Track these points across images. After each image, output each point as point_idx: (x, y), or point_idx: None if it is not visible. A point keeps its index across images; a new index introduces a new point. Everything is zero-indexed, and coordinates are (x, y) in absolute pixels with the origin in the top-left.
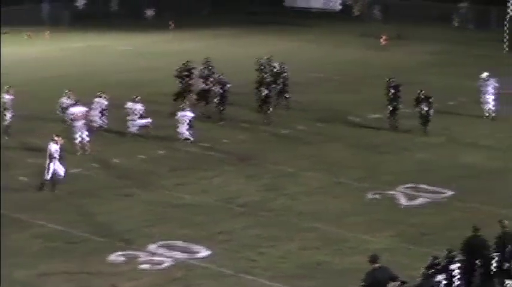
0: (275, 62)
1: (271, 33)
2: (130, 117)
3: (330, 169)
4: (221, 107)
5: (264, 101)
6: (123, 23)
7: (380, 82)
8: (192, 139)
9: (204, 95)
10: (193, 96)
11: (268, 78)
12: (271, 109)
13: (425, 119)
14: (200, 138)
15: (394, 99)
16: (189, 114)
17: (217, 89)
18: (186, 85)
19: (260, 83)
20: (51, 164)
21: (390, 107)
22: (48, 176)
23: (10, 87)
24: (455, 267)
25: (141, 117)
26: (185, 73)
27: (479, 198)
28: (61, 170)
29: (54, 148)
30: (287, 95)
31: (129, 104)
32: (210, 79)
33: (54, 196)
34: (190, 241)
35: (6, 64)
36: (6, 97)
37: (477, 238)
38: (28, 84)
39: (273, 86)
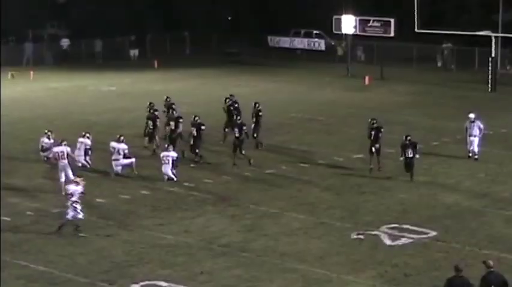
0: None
1: (254, 73)
2: (114, 157)
3: (312, 210)
4: (196, 149)
5: (238, 143)
6: (106, 63)
7: (363, 121)
8: (175, 179)
9: (174, 139)
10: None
11: (240, 119)
12: (243, 151)
13: (409, 165)
14: (183, 178)
15: (376, 140)
16: (172, 154)
17: (193, 131)
18: (154, 126)
19: (230, 124)
20: (72, 204)
21: (372, 149)
22: (70, 216)
23: None
24: None
25: (125, 157)
26: (154, 114)
27: (461, 238)
28: (80, 212)
29: (72, 188)
30: (255, 135)
31: (113, 144)
32: (180, 120)
33: (35, 236)
34: (172, 282)
35: None
36: None
37: (459, 279)
38: (10, 124)
39: (244, 127)
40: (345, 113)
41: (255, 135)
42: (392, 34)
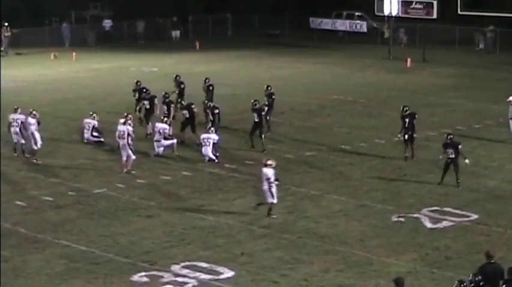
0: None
1: (295, 55)
2: (155, 138)
3: (353, 192)
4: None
5: (255, 128)
6: (148, 44)
7: (405, 104)
8: (216, 160)
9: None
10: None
11: (258, 104)
12: (263, 136)
13: (451, 166)
14: (224, 159)
15: (409, 128)
16: (213, 136)
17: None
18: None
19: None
20: (270, 188)
21: (406, 137)
22: (275, 200)
23: (34, 110)
24: None
25: (166, 138)
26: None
27: (503, 222)
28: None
29: (270, 172)
30: (268, 118)
31: (156, 125)
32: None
33: (77, 216)
34: (213, 263)
35: (32, 85)
36: (31, 121)
37: (490, 265)
38: (52, 105)
39: (263, 112)
40: (386, 96)
41: (268, 117)
42: (435, 16)
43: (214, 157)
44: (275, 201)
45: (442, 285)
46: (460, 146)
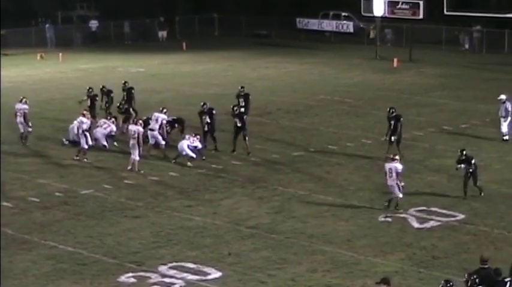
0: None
1: (282, 55)
2: (150, 126)
3: (340, 192)
4: (212, 135)
5: (238, 132)
6: (135, 44)
7: (391, 104)
8: (195, 156)
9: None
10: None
11: (238, 109)
12: (247, 138)
13: (467, 179)
14: (212, 159)
15: (395, 130)
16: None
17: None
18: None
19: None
20: (398, 182)
21: (392, 138)
22: (401, 195)
23: (85, 110)
24: None
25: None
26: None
27: (490, 221)
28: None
29: (399, 167)
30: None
31: (155, 114)
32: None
33: (64, 217)
34: (200, 263)
35: (18, 85)
36: (83, 120)
37: (483, 270)
38: (39, 105)
39: (245, 116)
40: (373, 96)
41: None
42: (421, 16)
43: (192, 153)
44: (401, 195)
45: (429, 284)
46: (473, 161)
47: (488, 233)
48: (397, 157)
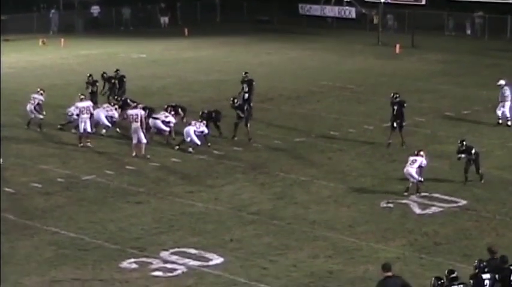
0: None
1: (284, 41)
2: (154, 115)
3: (342, 178)
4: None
5: (240, 121)
6: (137, 30)
7: (394, 90)
8: (199, 143)
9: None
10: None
11: (237, 102)
12: (249, 125)
13: (468, 166)
14: (213, 145)
15: (397, 115)
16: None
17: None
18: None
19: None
20: (420, 170)
21: (394, 124)
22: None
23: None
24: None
25: (165, 123)
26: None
27: (491, 207)
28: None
29: (423, 161)
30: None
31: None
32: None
33: (66, 202)
34: (202, 249)
35: (19, 71)
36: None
37: (494, 261)
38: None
39: (246, 106)
40: (375, 82)
41: (250, 104)
42: (423, 2)
43: (197, 140)
44: (422, 179)
45: (430, 270)
46: (474, 150)
47: (490, 219)
48: (422, 153)
